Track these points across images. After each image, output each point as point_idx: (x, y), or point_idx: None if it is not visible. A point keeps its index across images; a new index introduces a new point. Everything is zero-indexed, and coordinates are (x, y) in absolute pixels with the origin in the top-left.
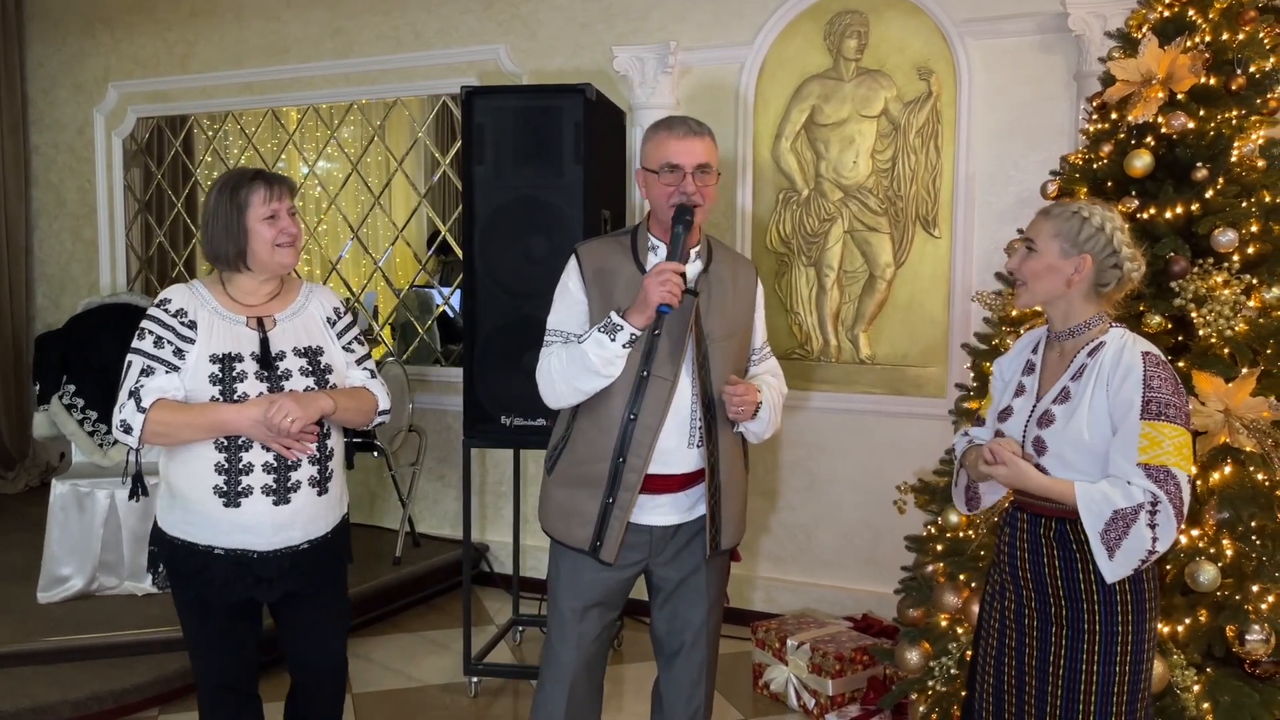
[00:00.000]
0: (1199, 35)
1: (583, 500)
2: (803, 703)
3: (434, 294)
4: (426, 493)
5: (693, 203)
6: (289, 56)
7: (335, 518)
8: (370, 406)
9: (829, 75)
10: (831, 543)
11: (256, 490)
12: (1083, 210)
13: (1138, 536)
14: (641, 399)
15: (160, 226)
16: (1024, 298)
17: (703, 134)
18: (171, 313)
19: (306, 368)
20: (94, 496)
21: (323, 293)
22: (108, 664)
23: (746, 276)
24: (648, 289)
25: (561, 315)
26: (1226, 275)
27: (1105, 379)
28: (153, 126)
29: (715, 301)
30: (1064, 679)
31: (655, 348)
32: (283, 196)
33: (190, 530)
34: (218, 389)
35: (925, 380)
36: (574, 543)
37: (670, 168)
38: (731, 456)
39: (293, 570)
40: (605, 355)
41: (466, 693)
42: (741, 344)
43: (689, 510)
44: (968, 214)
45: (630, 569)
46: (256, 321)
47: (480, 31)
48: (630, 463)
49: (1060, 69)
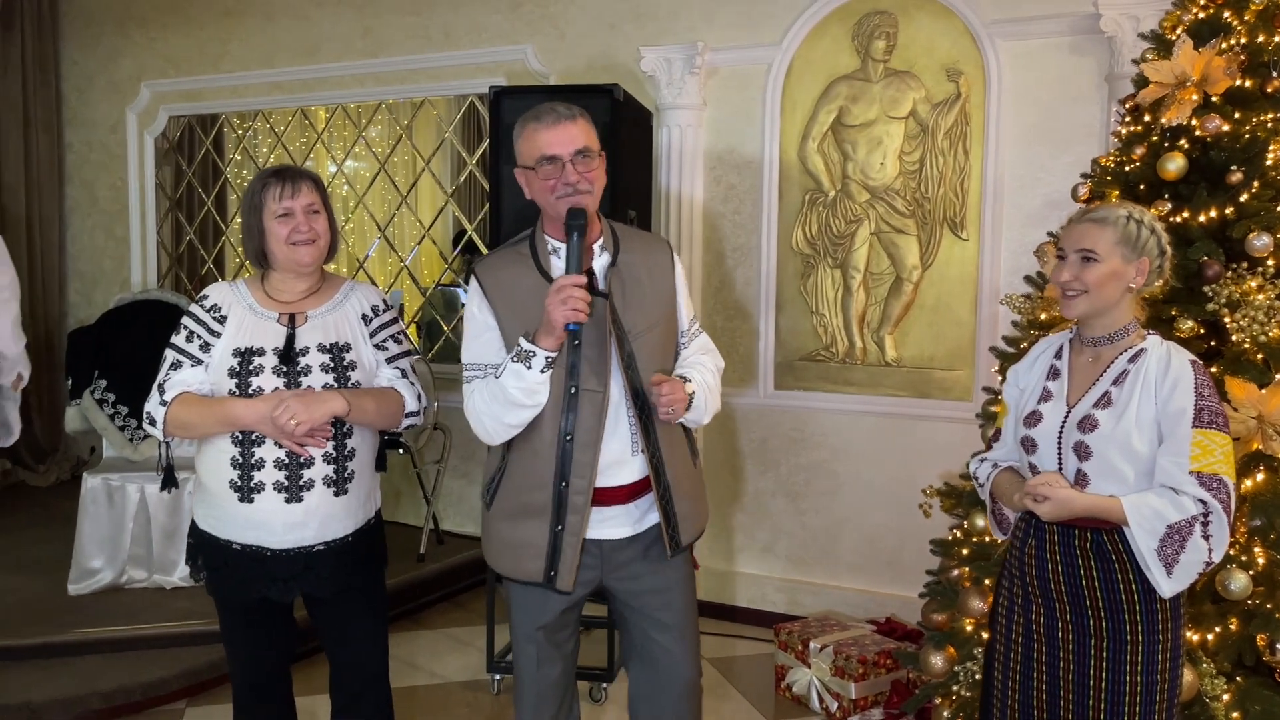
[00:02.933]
0: (1234, 37)
1: (529, 531)
2: (825, 705)
3: (459, 293)
4: (451, 490)
5: (580, 203)
6: (319, 56)
7: (357, 521)
8: (396, 408)
9: (857, 76)
10: (855, 545)
11: (269, 487)
12: (1133, 213)
13: (1195, 549)
14: (575, 416)
15: (190, 224)
16: (1083, 306)
17: (574, 117)
18: (206, 308)
19: (328, 364)
20: (125, 490)
21: (364, 290)
22: (136, 656)
23: (660, 258)
24: (550, 310)
25: (475, 348)
26: (1261, 280)
27: (1153, 386)
28: (184, 125)
29: (631, 294)
30: (1107, 691)
31: (579, 359)
32: (297, 194)
33: (214, 524)
34: (234, 383)
35: (951, 383)
36: (526, 576)
37: (547, 160)
38: (676, 452)
39: (307, 571)
40: (525, 385)
41: (489, 690)
42: (667, 332)
43: (639, 521)
44: (996, 216)
45: (583, 587)
46: (288, 318)
47: (508, 31)
48: (574, 485)
49: (1091, 71)
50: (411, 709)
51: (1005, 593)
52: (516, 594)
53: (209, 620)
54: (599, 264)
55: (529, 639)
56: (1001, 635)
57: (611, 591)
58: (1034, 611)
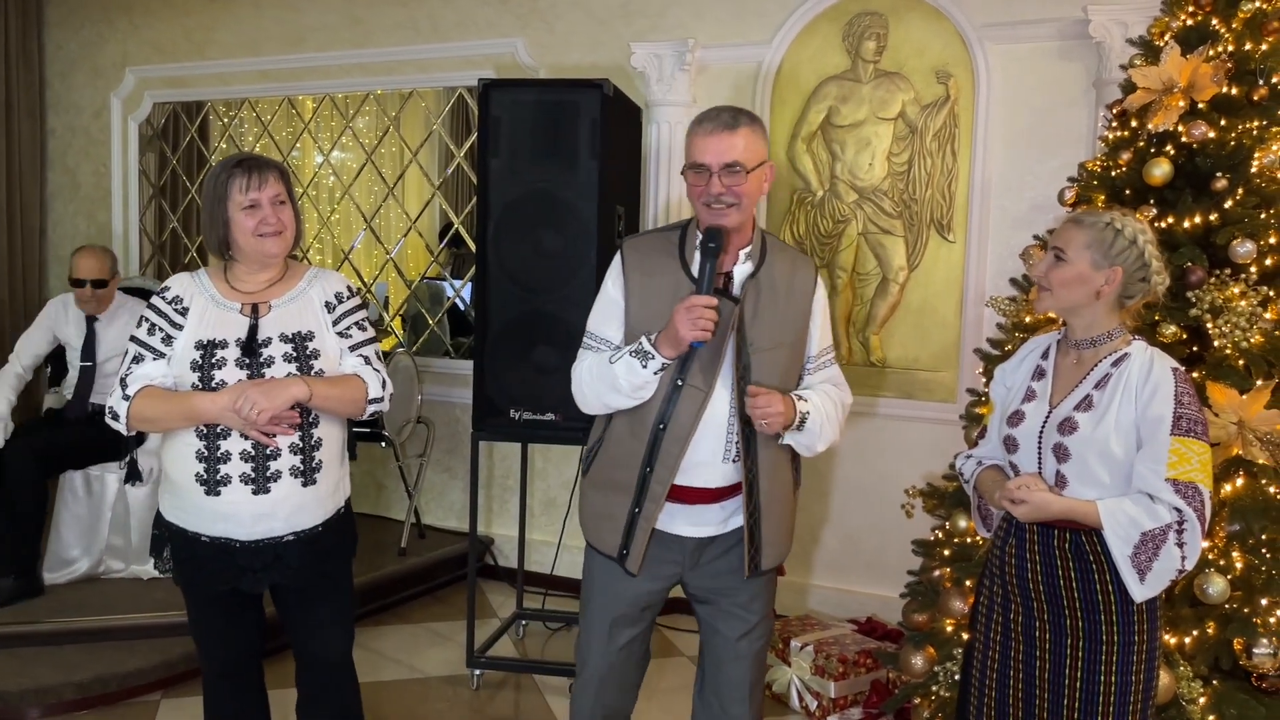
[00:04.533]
0: (1222, 44)
1: (614, 505)
2: (805, 704)
3: (444, 286)
4: (433, 484)
5: (719, 223)
6: (306, 45)
7: (326, 512)
8: (359, 394)
9: (847, 76)
10: (836, 545)
11: (235, 479)
12: (1115, 222)
13: (1168, 556)
14: (673, 408)
15: (174, 212)
16: (1045, 303)
17: (737, 127)
18: (168, 300)
19: (291, 354)
20: (104, 480)
21: (327, 277)
22: (112, 646)
23: (804, 279)
24: (678, 325)
25: (598, 318)
26: (1243, 286)
27: (1134, 392)
28: (169, 112)
29: (763, 308)
30: (1081, 691)
31: (692, 356)
32: (264, 185)
33: (181, 516)
34: (197, 376)
35: (936, 384)
36: (605, 548)
37: (695, 168)
38: (775, 473)
39: (277, 562)
40: (635, 381)
41: (469, 685)
42: (793, 354)
43: (724, 523)
44: (983, 219)
45: (663, 581)
46: (251, 308)
47: (498, 24)
48: (657, 473)
49: (1079, 76)
50: (390, 703)
51: (986, 592)
52: (598, 573)
53: (183, 611)
54: (740, 271)
55: (601, 618)
56: (981, 634)
57: (690, 591)
58: (1013, 611)
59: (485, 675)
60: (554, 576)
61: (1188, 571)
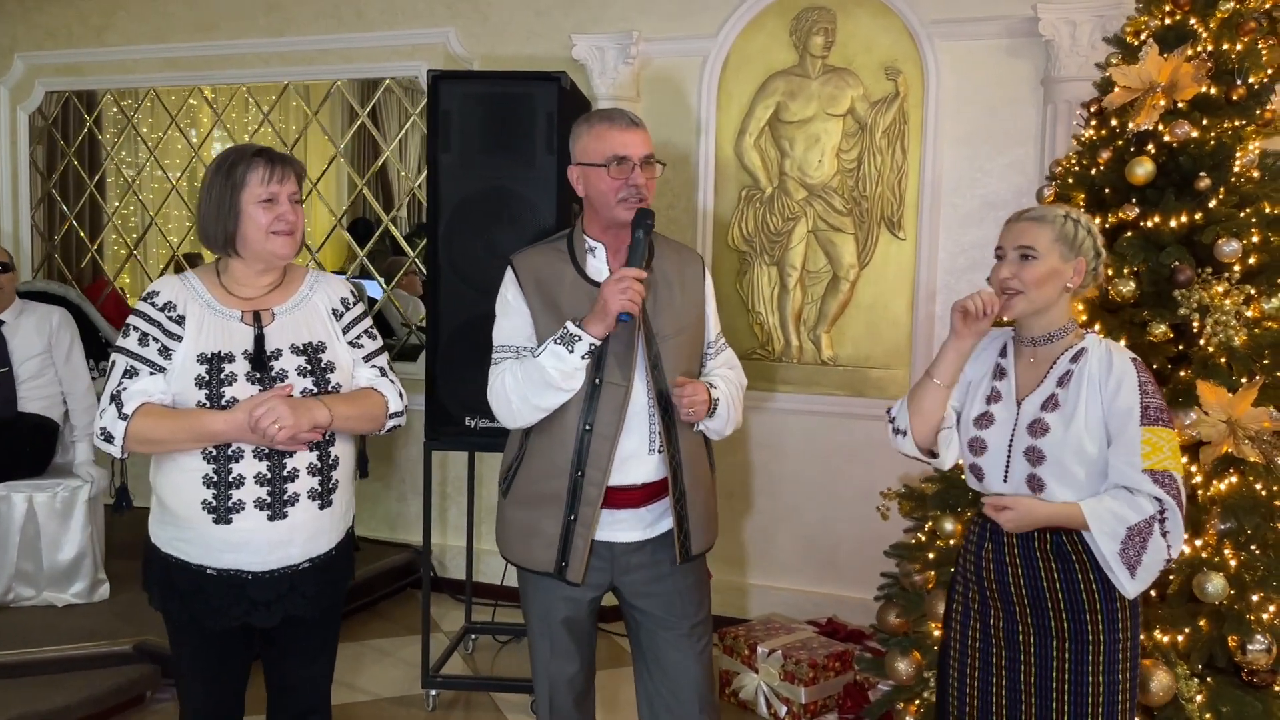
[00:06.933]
0: (1201, 44)
1: (543, 520)
2: (773, 710)
3: (366, 285)
4: (365, 493)
5: (647, 201)
6: (218, 32)
7: (339, 534)
8: (378, 411)
9: (795, 72)
10: (791, 545)
11: (249, 505)
12: (1070, 214)
13: (1155, 548)
14: (596, 408)
15: (70, 208)
16: (1021, 305)
17: (642, 125)
18: (159, 306)
19: (304, 367)
20: (10, 500)
21: (330, 281)
22: (31, 683)
23: (693, 269)
24: (607, 297)
25: (506, 330)
26: (1227, 285)
27: (1098, 386)
28: (65, 101)
29: (662, 298)
30: (1070, 693)
31: (605, 352)
32: (285, 179)
33: (182, 548)
34: (204, 393)
35: (887, 382)
36: (537, 566)
37: (619, 160)
38: (695, 458)
39: (292, 592)
40: (564, 368)
41: (423, 706)
42: (693, 339)
43: (653, 525)
44: (933, 216)
45: (595, 590)
46: (252, 316)
47: (428, 14)
48: (589, 476)
49: (1028, 74)
50: None
51: (960, 597)
52: (530, 586)
53: (112, 641)
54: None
55: (543, 634)
56: (957, 639)
57: (622, 595)
58: (993, 615)
59: (441, 696)
60: (502, 587)
61: (1174, 560)
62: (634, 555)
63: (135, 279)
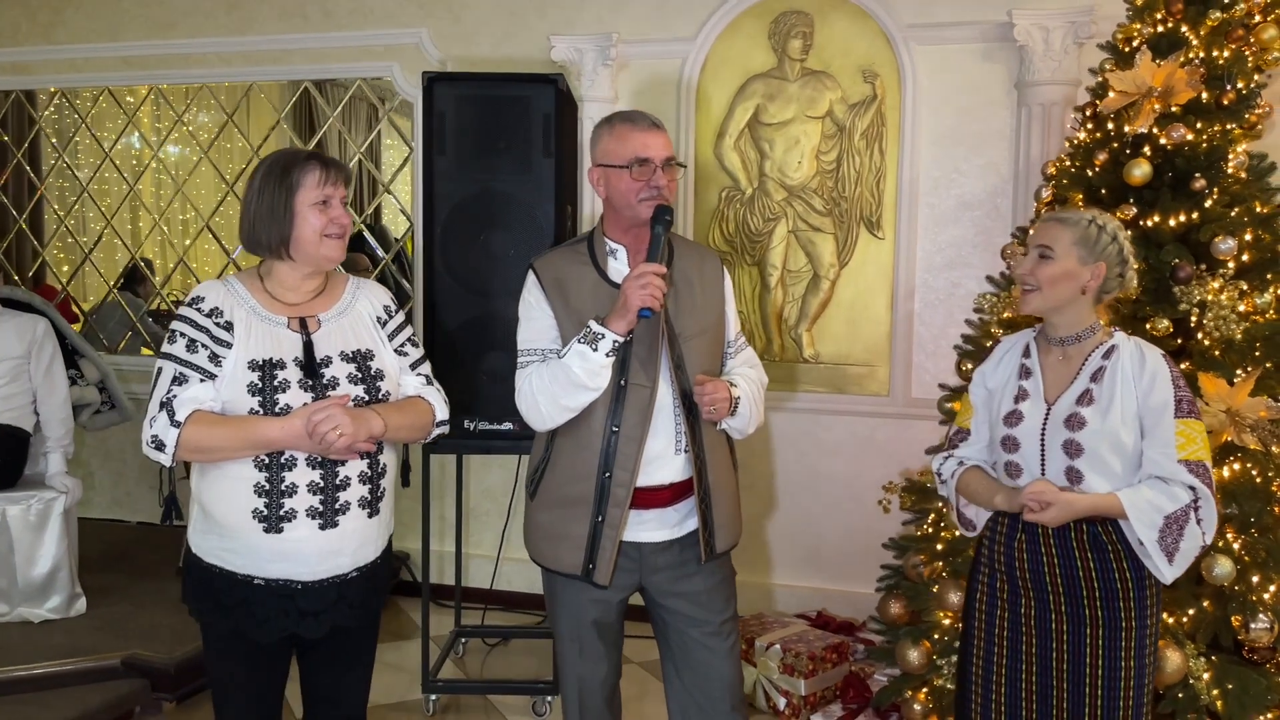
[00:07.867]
0: (1192, 51)
1: (570, 522)
2: (772, 703)
3: None
4: None
5: (667, 200)
6: (175, 31)
7: (384, 541)
8: (427, 420)
9: (774, 75)
10: (776, 541)
11: (301, 514)
12: (1097, 219)
13: (1192, 535)
14: (622, 409)
15: (18, 212)
16: (1035, 302)
17: (663, 127)
18: (205, 312)
19: (355, 375)
20: None
21: (371, 288)
22: (16, 701)
23: (713, 269)
24: (628, 293)
25: (530, 333)
26: (1222, 281)
27: (1132, 381)
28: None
29: (683, 299)
30: (1104, 677)
31: (629, 355)
32: (338, 182)
33: (228, 558)
34: (257, 400)
35: (868, 379)
36: (565, 568)
37: (641, 161)
38: (718, 456)
39: (340, 601)
40: (589, 367)
41: (422, 711)
42: (715, 339)
43: (679, 525)
44: (911, 216)
45: (623, 591)
46: (299, 323)
47: (398, 14)
48: (617, 477)
49: (1002, 78)
50: None
51: (984, 587)
52: (557, 589)
53: (97, 656)
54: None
55: (572, 637)
56: (982, 630)
57: (650, 595)
58: (1024, 604)
59: (441, 700)
60: (492, 591)
61: (1208, 545)
62: (661, 555)
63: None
